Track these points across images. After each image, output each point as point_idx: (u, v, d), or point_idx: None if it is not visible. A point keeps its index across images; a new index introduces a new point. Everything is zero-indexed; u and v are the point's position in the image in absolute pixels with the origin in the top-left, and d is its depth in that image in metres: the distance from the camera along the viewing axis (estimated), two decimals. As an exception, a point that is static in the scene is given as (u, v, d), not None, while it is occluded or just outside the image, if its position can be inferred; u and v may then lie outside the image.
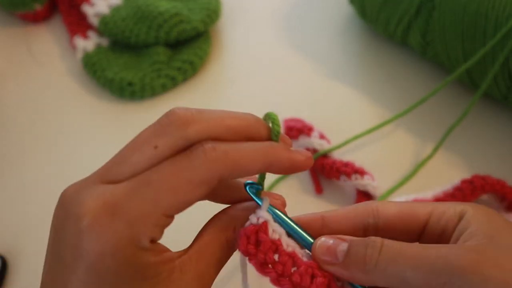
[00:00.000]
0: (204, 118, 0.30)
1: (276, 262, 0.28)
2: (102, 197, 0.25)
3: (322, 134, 0.52)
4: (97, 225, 0.24)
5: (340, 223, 0.30)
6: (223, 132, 0.29)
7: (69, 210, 0.25)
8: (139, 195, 0.25)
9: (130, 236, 0.24)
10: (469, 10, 0.50)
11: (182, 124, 0.28)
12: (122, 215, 0.24)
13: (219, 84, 0.61)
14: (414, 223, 0.29)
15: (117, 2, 0.62)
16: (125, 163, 0.27)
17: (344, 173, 0.49)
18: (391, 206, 0.30)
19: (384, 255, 0.27)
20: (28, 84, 0.61)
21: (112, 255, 0.24)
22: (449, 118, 0.55)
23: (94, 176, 0.27)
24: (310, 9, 0.67)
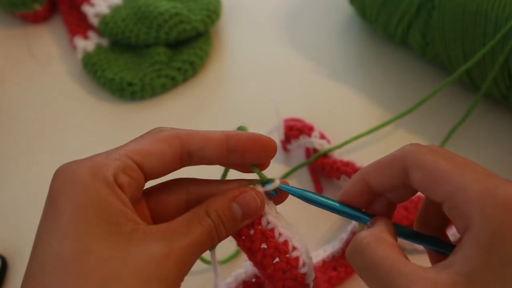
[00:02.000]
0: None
1: (257, 251, 0.31)
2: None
3: (323, 134, 0.52)
4: (68, 171, 0.28)
5: (381, 179, 0.30)
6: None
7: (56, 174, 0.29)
8: (110, 150, 0.30)
9: (90, 169, 0.27)
10: (469, 10, 0.50)
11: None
12: (88, 160, 0.28)
13: (219, 84, 0.61)
14: (433, 196, 0.28)
15: (117, 2, 0.62)
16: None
17: (345, 173, 0.49)
18: (418, 168, 0.28)
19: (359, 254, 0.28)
20: (28, 84, 0.61)
21: (72, 188, 0.27)
22: (450, 118, 0.55)
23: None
24: (310, 9, 0.67)
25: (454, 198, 0.27)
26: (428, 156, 0.28)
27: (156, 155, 0.29)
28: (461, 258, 0.26)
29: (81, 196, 0.26)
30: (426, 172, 0.28)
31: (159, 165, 0.29)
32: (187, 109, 0.58)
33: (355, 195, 0.31)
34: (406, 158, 0.29)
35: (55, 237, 0.26)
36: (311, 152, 0.52)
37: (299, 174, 0.52)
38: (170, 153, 0.29)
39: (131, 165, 0.28)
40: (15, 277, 0.47)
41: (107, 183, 0.27)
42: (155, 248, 0.27)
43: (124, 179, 0.28)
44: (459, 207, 0.27)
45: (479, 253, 0.25)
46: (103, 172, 0.27)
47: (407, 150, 0.29)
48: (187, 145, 0.30)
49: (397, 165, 0.29)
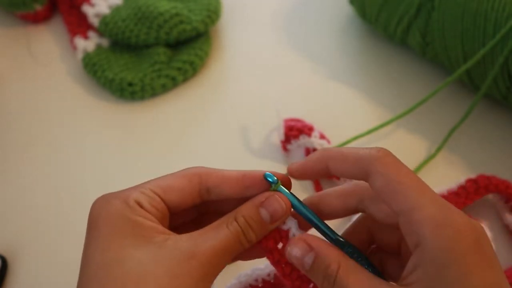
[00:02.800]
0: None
1: (274, 250, 0.33)
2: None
3: (322, 134, 0.52)
4: (103, 201, 0.32)
5: (342, 170, 0.33)
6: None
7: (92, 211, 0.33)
8: (135, 185, 0.33)
9: (117, 197, 0.31)
10: (469, 11, 0.50)
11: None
12: (116, 192, 0.32)
13: (219, 84, 0.61)
14: (391, 204, 0.30)
15: (118, 2, 0.62)
16: None
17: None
18: (380, 176, 0.30)
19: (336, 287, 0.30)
20: (28, 85, 0.62)
21: (106, 211, 0.31)
22: (449, 118, 0.55)
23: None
24: (310, 9, 0.67)
25: (410, 214, 0.28)
26: (392, 167, 0.30)
27: (176, 190, 0.32)
28: (419, 276, 0.28)
29: (116, 219, 0.30)
30: (386, 181, 0.30)
31: (179, 199, 0.33)
32: (187, 109, 0.58)
33: (312, 172, 0.34)
34: (371, 162, 0.31)
35: (97, 252, 0.30)
36: (311, 152, 0.52)
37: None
38: (189, 188, 0.33)
39: (154, 197, 0.32)
40: (15, 277, 0.47)
41: (136, 210, 0.31)
42: (183, 250, 0.30)
43: (149, 209, 0.31)
44: (413, 224, 0.28)
45: (435, 270, 0.27)
46: (130, 202, 0.31)
47: (373, 154, 0.31)
48: (205, 182, 0.33)
49: (360, 165, 0.31)
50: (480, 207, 0.48)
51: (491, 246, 0.29)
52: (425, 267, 0.28)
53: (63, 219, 0.50)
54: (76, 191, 0.52)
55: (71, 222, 0.50)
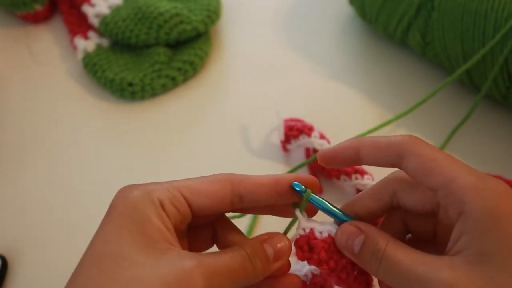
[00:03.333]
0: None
1: (329, 259, 0.33)
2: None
3: (322, 134, 0.52)
4: (126, 190, 0.32)
5: (373, 157, 0.33)
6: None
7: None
8: (164, 181, 0.32)
9: (142, 191, 0.31)
10: (469, 11, 0.50)
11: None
12: (143, 185, 0.32)
13: (219, 84, 0.61)
14: (427, 183, 0.31)
15: (118, 2, 0.62)
16: None
17: (344, 173, 0.49)
18: (414, 157, 0.31)
19: (382, 267, 0.30)
20: (29, 85, 0.62)
21: (124, 202, 0.31)
22: (450, 119, 0.55)
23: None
24: (310, 9, 0.67)
25: (449, 186, 0.29)
26: (425, 147, 0.31)
27: (205, 194, 0.32)
28: (467, 241, 0.28)
29: (129, 211, 0.30)
30: (422, 160, 0.30)
31: (207, 204, 0.32)
32: (188, 109, 0.58)
33: (343, 159, 0.33)
34: (404, 145, 0.31)
35: (101, 240, 0.30)
36: (311, 152, 0.52)
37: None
38: (220, 194, 0.32)
39: (178, 197, 0.31)
40: (15, 277, 0.47)
41: (154, 205, 0.30)
42: (185, 262, 0.29)
43: (170, 208, 0.31)
44: (454, 194, 0.29)
45: (482, 233, 0.28)
46: (152, 197, 0.30)
47: (405, 139, 0.31)
48: (237, 189, 0.32)
49: (393, 150, 0.31)
50: None
51: None
52: (471, 232, 0.28)
53: (63, 219, 0.50)
54: (76, 191, 0.52)
55: (71, 222, 0.50)
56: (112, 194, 0.51)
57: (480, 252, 0.28)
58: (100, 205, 0.51)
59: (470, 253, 0.28)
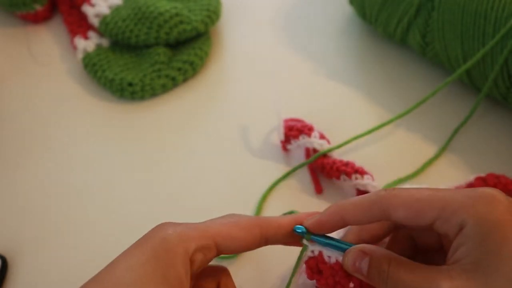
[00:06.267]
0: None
1: (337, 283, 0.35)
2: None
3: (322, 134, 0.52)
4: (162, 226, 0.33)
5: (358, 219, 0.34)
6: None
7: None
8: (201, 223, 0.34)
9: (179, 235, 0.32)
10: (468, 10, 0.50)
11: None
12: (181, 225, 0.33)
13: (219, 84, 0.61)
14: (422, 222, 0.32)
15: (118, 2, 0.62)
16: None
17: (345, 173, 0.49)
18: (400, 206, 0.32)
19: (389, 286, 0.32)
20: (28, 85, 0.62)
21: (157, 242, 0.32)
22: (450, 119, 0.55)
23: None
24: (310, 9, 0.67)
25: (442, 216, 0.31)
26: (405, 194, 0.32)
27: (235, 240, 0.34)
28: (464, 251, 0.30)
29: (162, 250, 0.31)
30: (408, 207, 0.32)
31: (235, 248, 0.34)
32: (187, 109, 0.58)
33: (330, 227, 0.35)
34: (386, 200, 0.33)
35: (124, 266, 0.31)
36: (311, 152, 0.52)
37: (299, 174, 0.52)
38: (249, 240, 0.34)
39: (210, 246, 0.33)
40: (15, 277, 0.47)
41: (186, 254, 0.32)
42: None
43: (199, 257, 0.33)
44: (448, 221, 0.31)
45: (477, 242, 0.29)
46: (188, 243, 0.32)
47: (384, 195, 0.33)
48: (265, 233, 0.35)
49: (377, 208, 0.33)
50: None
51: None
52: (467, 243, 0.30)
53: (63, 219, 0.51)
54: (76, 191, 0.52)
55: (71, 222, 0.50)
56: (112, 193, 0.52)
57: (476, 261, 0.29)
58: (99, 205, 0.51)
59: (467, 262, 0.30)
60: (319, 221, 0.35)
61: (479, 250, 0.29)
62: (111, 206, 0.51)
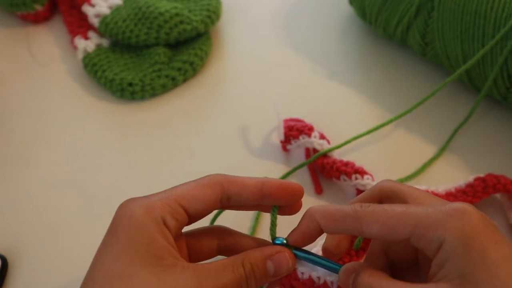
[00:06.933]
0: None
1: None
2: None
3: (322, 134, 0.52)
4: (128, 207, 0.33)
5: (330, 228, 0.34)
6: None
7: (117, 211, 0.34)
8: (162, 192, 0.34)
9: (144, 209, 0.33)
10: (468, 11, 0.50)
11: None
12: (143, 200, 0.33)
13: (219, 84, 0.61)
14: (396, 238, 0.32)
15: (118, 2, 0.62)
16: None
17: (344, 173, 0.49)
18: (373, 223, 0.32)
19: None
20: (29, 85, 0.62)
21: (128, 222, 0.32)
22: (450, 119, 0.55)
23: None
24: (310, 9, 0.67)
25: (418, 230, 0.31)
26: (379, 211, 0.32)
27: (200, 200, 0.34)
28: (448, 267, 0.30)
29: (135, 230, 0.32)
30: (381, 223, 0.32)
31: (202, 208, 0.34)
32: (187, 109, 0.58)
33: (310, 237, 0.35)
34: (359, 218, 0.32)
35: (109, 259, 0.31)
36: (311, 152, 0.52)
37: (299, 174, 0.52)
38: (212, 197, 0.34)
39: (178, 209, 0.33)
40: (15, 277, 0.47)
41: (157, 223, 0.32)
42: (187, 281, 0.31)
43: (171, 221, 0.33)
44: (425, 236, 0.31)
45: (459, 256, 0.30)
46: (155, 213, 0.32)
47: (359, 212, 0.33)
48: (227, 190, 0.35)
49: (350, 223, 0.33)
50: (487, 206, 0.48)
51: (490, 220, 0.31)
52: (450, 258, 0.30)
53: (63, 219, 0.51)
54: (76, 191, 0.52)
55: (71, 222, 0.50)
56: (112, 193, 0.52)
57: (462, 274, 0.30)
58: (100, 205, 0.51)
59: (453, 276, 0.30)
60: (298, 233, 0.35)
61: (464, 263, 0.30)
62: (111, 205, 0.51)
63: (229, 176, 0.35)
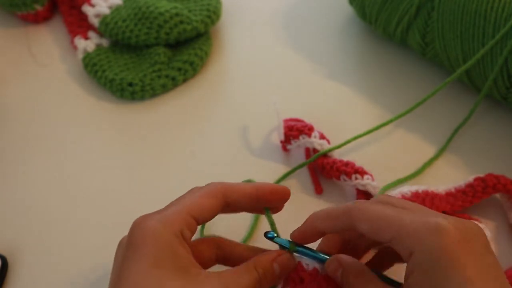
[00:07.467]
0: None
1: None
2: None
3: (322, 134, 0.52)
4: (148, 224, 0.35)
5: (329, 227, 0.37)
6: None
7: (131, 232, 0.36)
8: (173, 206, 0.36)
9: (164, 224, 0.34)
10: (468, 11, 0.50)
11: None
12: (159, 215, 0.35)
13: (219, 84, 0.61)
14: (381, 239, 0.34)
15: (118, 2, 0.62)
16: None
17: (344, 173, 0.49)
18: (363, 221, 0.35)
19: None
20: (29, 85, 0.62)
21: (152, 238, 0.34)
22: (450, 119, 0.55)
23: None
24: (310, 9, 0.67)
25: (398, 236, 0.33)
26: (370, 210, 0.35)
27: (207, 210, 0.37)
28: (415, 278, 0.32)
29: (160, 245, 0.34)
30: (371, 223, 0.34)
31: (209, 217, 0.37)
32: (187, 109, 0.58)
33: (311, 236, 0.38)
34: (352, 214, 0.35)
35: (140, 276, 0.33)
36: (311, 152, 0.52)
37: (299, 174, 0.52)
38: (217, 206, 0.37)
39: (191, 221, 0.36)
40: (15, 277, 0.47)
41: (177, 237, 0.34)
42: (216, 286, 0.34)
43: (187, 233, 0.35)
44: (401, 243, 0.33)
45: (424, 272, 0.31)
46: (175, 227, 0.35)
47: (352, 208, 0.35)
48: (227, 198, 0.37)
49: (345, 220, 0.36)
50: (487, 206, 0.48)
51: (480, 241, 0.32)
52: (416, 271, 0.32)
53: (63, 219, 0.51)
54: (76, 191, 0.52)
55: (71, 222, 0.50)
56: (112, 193, 0.52)
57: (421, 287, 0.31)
58: (100, 205, 0.51)
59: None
60: (300, 232, 0.38)
61: (428, 279, 0.31)
62: (111, 205, 0.51)
63: (228, 184, 0.38)
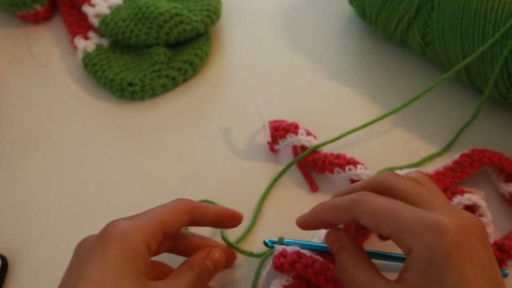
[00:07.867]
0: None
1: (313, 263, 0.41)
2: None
3: (308, 131, 0.52)
4: (115, 226, 0.37)
5: (335, 219, 0.39)
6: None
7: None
8: (145, 214, 0.39)
9: (134, 229, 0.37)
10: (468, 11, 0.50)
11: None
12: (131, 221, 0.38)
13: (219, 84, 0.61)
14: (381, 232, 0.36)
15: (118, 2, 0.62)
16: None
17: (338, 165, 0.49)
18: (364, 214, 0.36)
19: (343, 276, 0.37)
20: (29, 85, 0.62)
21: (121, 241, 0.36)
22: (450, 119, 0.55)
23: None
24: (310, 9, 0.67)
25: (397, 232, 0.34)
26: (372, 203, 0.36)
27: (175, 224, 0.39)
28: (410, 273, 0.33)
29: (126, 248, 0.36)
30: (372, 216, 0.35)
31: (175, 231, 0.40)
32: (187, 109, 0.58)
33: (314, 225, 0.40)
34: (355, 208, 0.36)
35: (100, 273, 0.35)
36: (298, 150, 0.52)
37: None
38: (184, 222, 0.40)
39: (159, 233, 0.38)
40: (15, 277, 0.47)
41: (145, 244, 0.37)
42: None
43: (154, 244, 0.38)
44: (400, 239, 0.34)
45: (421, 270, 0.32)
46: (143, 235, 0.37)
47: (355, 200, 0.36)
48: (194, 216, 0.41)
49: (349, 212, 0.37)
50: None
51: (478, 238, 0.33)
52: (412, 266, 0.33)
53: (63, 219, 0.51)
54: (76, 191, 0.52)
55: (71, 222, 0.50)
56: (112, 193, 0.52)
57: (417, 284, 0.32)
58: (100, 205, 0.51)
59: (411, 284, 0.33)
60: (305, 221, 0.40)
61: (423, 276, 0.32)
62: (110, 205, 0.51)
63: (196, 203, 0.41)
